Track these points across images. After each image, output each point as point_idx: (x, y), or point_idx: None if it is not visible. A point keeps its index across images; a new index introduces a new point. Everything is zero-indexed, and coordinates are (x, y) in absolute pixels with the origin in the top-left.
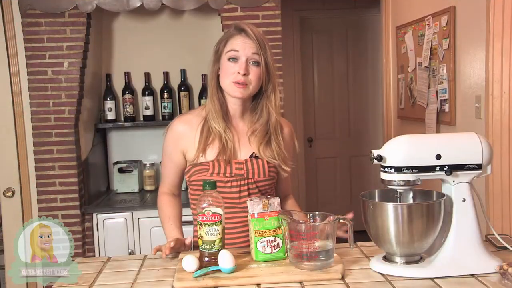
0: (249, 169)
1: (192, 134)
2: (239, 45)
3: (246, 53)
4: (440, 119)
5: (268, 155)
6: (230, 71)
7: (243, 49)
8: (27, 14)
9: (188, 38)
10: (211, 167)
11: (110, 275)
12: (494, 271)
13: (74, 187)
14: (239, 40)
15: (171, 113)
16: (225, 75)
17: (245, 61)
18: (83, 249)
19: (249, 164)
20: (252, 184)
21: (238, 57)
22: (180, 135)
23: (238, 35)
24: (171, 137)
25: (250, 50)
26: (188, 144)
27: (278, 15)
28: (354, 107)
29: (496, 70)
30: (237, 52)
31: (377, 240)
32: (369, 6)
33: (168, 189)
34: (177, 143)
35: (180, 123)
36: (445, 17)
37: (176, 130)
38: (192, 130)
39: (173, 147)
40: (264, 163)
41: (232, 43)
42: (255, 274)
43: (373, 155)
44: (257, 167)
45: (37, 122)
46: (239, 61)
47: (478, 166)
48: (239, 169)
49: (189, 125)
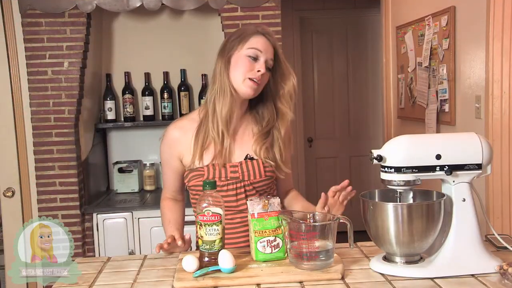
0: (244, 171)
1: (187, 140)
2: (263, 46)
3: (266, 55)
4: (440, 119)
5: (266, 155)
6: (249, 67)
7: (266, 51)
8: (27, 14)
9: (188, 38)
10: (206, 172)
11: (110, 275)
12: (494, 271)
13: (74, 187)
14: (261, 41)
15: (171, 113)
16: (241, 71)
17: (263, 62)
18: (83, 249)
19: (244, 166)
20: (249, 186)
21: (260, 56)
22: (175, 141)
23: (261, 36)
24: (166, 143)
25: (270, 54)
26: (183, 149)
27: (278, 15)
28: (354, 107)
29: (496, 70)
30: (260, 52)
31: (377, 240)
32: (369, 6)
33: (170, 194)
34: (173, 149)
35: (174, 129)
36: (445, 17)
37: (170, 137)
38: (187, 135)
39: (169, 154)
40: (260, 164)
41: (256, 42)
42: (255, 274)
43: (373, 155)
44: (252, 168)
45: (37, 122)
46: (259, 60)
47: (478, 166)
48: (234, 172)
49: (183, 130)
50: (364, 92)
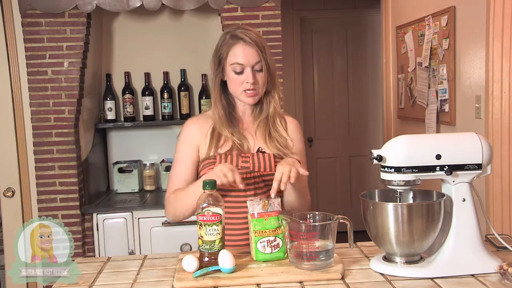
0: (255, 163)
1: (203, 133)
2: (242, 57)
3: (250, 63)
4: (440, 119)
5: (273, 147)
6: (238, 81)
7: (247, 60)
8: (27, 14)
9: (188, 38)
10: (218, 160)
11: (110, 275)
12: (494, 271)
13: (74, 187)
14: (239, 50)
15: (171, 113)
16: (235, 86)
17: (250, 70)
18: (83, 249)
19: (256, 158)
20: (258, 177)
21: (243, 68)
22: (193, 132)
23: (238, 44)
24: (184, 135)
25: (252, 58)
26: (200, 140)
27: (278, 15)
28: (354, 107)
29: (496, 70)
30: (242, 65)
31: (377, 240)
32: (369, 6)
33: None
34: (191, 139)
35: (191, 122)
36: (445, 17)
37: (188, 129)
38: (203, 128)
39: (187, 144)
40: (271, 157)
41: (235, 55)
42: (255, 274)
43: (373, 155)
44: (263, 160)
45: (37, 122)
46: (245, 72)
47: (478, 166)
48: (245, 162)
49: (199, 124)
50: (364, 92)
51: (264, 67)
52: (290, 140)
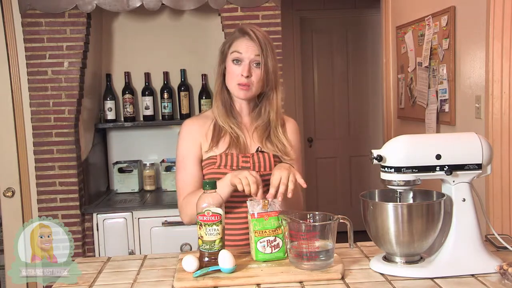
0: (255, 162)
1: (203, 131)
2: (243, 47)
3: (249, 55)
4: (440, 119)
5: (271, 148)
6: (234, 73)
7: (246, 51)
8: (27, 14)
9: (188, 38)
10: (218, 160)
11: (110, 275)
12: (494, 271)
13: (74, 187)
14: (243, 42)
15: (171, 113)
16: (230, 78)
17: (248, 63)
18: (83, 249)
19: (256, 158)
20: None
21: (242, 59)
22: (193, 130)
23: (242, 38)
24: (184, 134)
25: (252, 52)
26: (201, 137)
27: (278, 15)
28: (354, 107)
29: (496, 70)
30: (241, 54)
31: (377, 240)
32: (369, 6)
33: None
34: (192, 137)
35: (192, 122)
36: (445, 17)
37: (190, 126)
38: (203, 127)
39: (189, 142)
40: (270, 157)
41: (236, 45)
42: (255, 274)
43: (373, 155)
44: (263, 160)
45: (37, 122)
46: (242, 63)
47: (478, 166)
48: (246, 162)
49: (198, 123)
50: (364, 92)
51: (262, 65)
52: (290, 147)
